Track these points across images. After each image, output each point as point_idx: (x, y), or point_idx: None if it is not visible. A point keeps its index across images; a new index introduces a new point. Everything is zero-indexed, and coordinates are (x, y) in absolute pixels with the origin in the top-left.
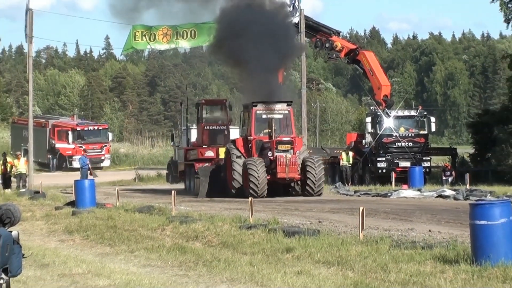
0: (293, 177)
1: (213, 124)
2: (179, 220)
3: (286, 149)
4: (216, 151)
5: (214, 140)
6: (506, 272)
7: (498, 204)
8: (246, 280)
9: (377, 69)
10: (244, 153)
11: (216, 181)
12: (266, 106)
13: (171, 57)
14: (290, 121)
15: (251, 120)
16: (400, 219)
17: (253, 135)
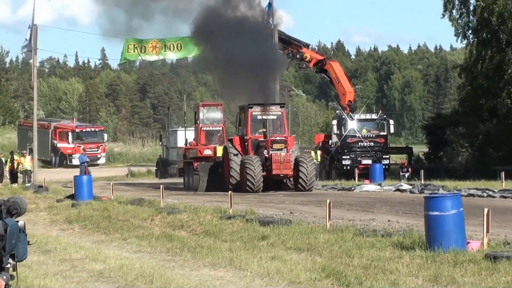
0: (286, 174)
1: (209, 125)
2: (167, 211)
3: (280, 147)
4: (214, 149)
5: (210, 139)
6: (456, 257)
7: (449, 197)
8: (226, 265)
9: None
10: (241, 151)
11: (214, 177)
12: (261, 107)
13: (159, 66)
14: (283, 122)
15: (247, 120)
16: (362, 210)
17: (249, 134)
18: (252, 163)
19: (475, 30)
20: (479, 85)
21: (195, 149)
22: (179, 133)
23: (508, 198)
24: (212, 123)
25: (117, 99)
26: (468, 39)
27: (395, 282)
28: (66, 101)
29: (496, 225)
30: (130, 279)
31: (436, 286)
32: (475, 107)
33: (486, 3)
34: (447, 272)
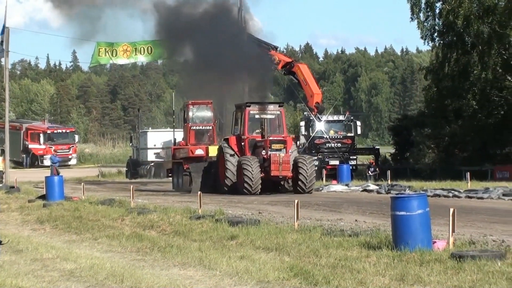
0: (285, 175)
1: (199, 124)
2: (137, 211)
3: (279, 148)
4: (206, 149)
5: (200, 139)
6: (422, 257)
7: (415, 197)
8: (195, 264)
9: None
10: (237, 151)
11: (208, 178)
12: (259, 106)
13: (130, 69)
14: (282, 122)
15: (244, 119)
16: (330, 210)
17: (246, 134)
18: (250, 163)
19: (441, 33)
20: (445, 87)
21: (186, 149)
22: (149, 134)
23: (473, 198)
24: (202, 122)
25: (88, 101)
26: (434, 41)
27: (362, 281)
28: (38, 102)
29: (462, 224)
30: (100, 278)
31: (403, 285)
32: (440, 108)
33: (451, 6)
34: (414, 271)
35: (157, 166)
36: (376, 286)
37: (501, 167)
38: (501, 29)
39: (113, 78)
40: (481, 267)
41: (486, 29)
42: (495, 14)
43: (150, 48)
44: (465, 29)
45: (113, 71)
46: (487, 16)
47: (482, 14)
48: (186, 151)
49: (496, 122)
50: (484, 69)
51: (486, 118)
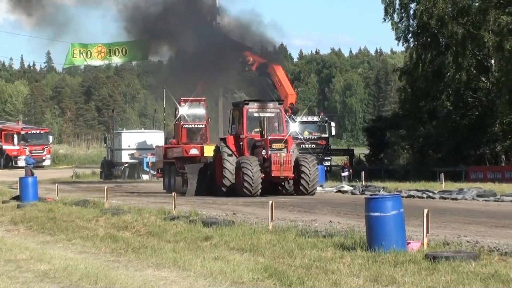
0: (287, 176)
1: (191, 123)
2: (111, 212)
3: (280, 147)
4: (201, 149)
5: (192, 138)
6: (397, 258)
7: (390, 198)
8: (170, 265)
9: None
10: (235, 151)
11: (203, 179)
12: (258, 104)
13: (104, 69)
14: (282, 120)
15: (243, 118)
16: (304, 211)
17: (245, 133)
18: (249, 164)
19: (415, 33)
20: (419, 88)
21: (179, 148)
22: (123, 135)
23: (447, 199)
24: (194, 120)
25: (62, 102)
26: (409, 42)
27: (336, 282)
28: (12, 103)
29: (436, 225)
30: (74, 279)
31: (377, 286)
32: (415, 109)
33: (425, 7)
34: (388, 272)
35: (131, 167)
36: (350, 287)
37: (475, 168)
38: (475, 30)
39: (87, 79)
40: (455, 268)
41: (461, 30)
42: (470, 15)
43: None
44: (440, 30)
45: (87, 72)
46: (461, 17)
47: (456, 15)
48: (180, 150)
49: (470, 123)
50: (458, 70)
51: (460, 119)
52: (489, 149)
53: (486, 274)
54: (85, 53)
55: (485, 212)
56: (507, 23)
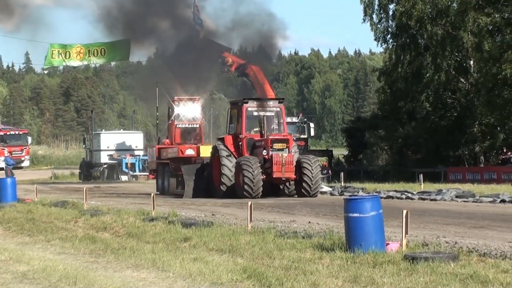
0: (289, 177)
1: (185, 122)
2: (90, 213)
3: (282, 147)
4: (197, 149)
5: (186, 138)
6: (375, 258)
7: (369, 199)
8: (148, 266)
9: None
10: (234, 151)
11: (200, 180)
12: (257, 103)
13: (83, 70)
14: (282, 119)
15: (242, 117)
16: (283, 212)
17: (244, 133)
18: (250, 165)
19: (394, 34)
20: (398, 88)
21: (175, 148)
22: (102, 136)
23: (426, 200)
24: (188, 120)
25: (41, 103)
26: (388, 43)
27: (315, 283)
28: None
29: (415, 226)
30: (53, 280)
31: (356, 286)
32: (394, 110)
33: (405, 8)
34: (367, 273)
35: (110, 168)
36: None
37: (454, 169)
38: (454, 31)
39: (66, 79)
40: (434, 269)
41: (440, 31)
42: (448, 16)
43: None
44: (419, 31)
45: (66, 72)
46: (440, 18)
47: (435, 16)
48: (176, 151)
49: (449, 124)
50: (437, 71)
51: (439, 120)
52: (468, 150)
53: (465, 275)
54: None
55: (464, 213)
56: (486, 24)
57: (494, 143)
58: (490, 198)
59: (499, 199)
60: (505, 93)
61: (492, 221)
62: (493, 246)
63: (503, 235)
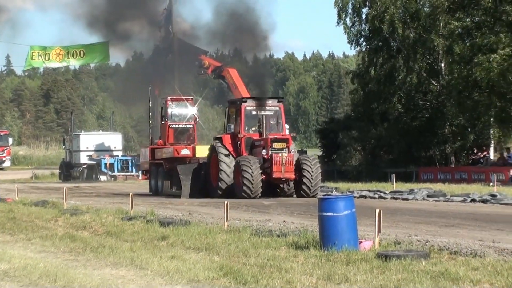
0: (289, 177)
1: (179, 122)
2: (70, 213)
3: (281, 147)
4: (193, 149)
5: (179, 138)
6: (349, 256)
7: (342, 198)
8: (127, 264)
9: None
10: (232, 151)
11: (197, 180)
12: (256, 102)
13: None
14: (281, 119)
15: (241, 116)
16: (258, 212)
17: (243, 132)
18: (249, 164)
19: (367, 38)
20: (371, 90)
21: (170, 148)
22: (81, 137)
23: (398, 199)
24: (182, 120)
25: (21, 104)
26: (361, 46)
27: (290, 281)
28: None
29: (387, 225)
30: (34, 278)
31: (330, 284)
32: (367, 112)
33: (377, 12)
34: (340, 270)
35: (89, 168)
36: (303, 285)
37: (425, 169)
38: (425, 34)
39: (47, 82)
40: (406, 266)
41: (411, 34)
42: (420, 20)
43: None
44: (391, 34)
45: (46, 75)
46: (412, 21)
47: (407, 20)
48: (171, 151)
49: (421, 125)
50: (409, 73)
51: (411, 121)
52: (439, 150)
53: (436, 272)
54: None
55: (435, 212)
56: (456, 27)
57: (464, 143)
58: (461, 198)
59: (469, 199)
60: (475, 95)
61: (463, 220)
62: (464, 244)
63: (473, 234)
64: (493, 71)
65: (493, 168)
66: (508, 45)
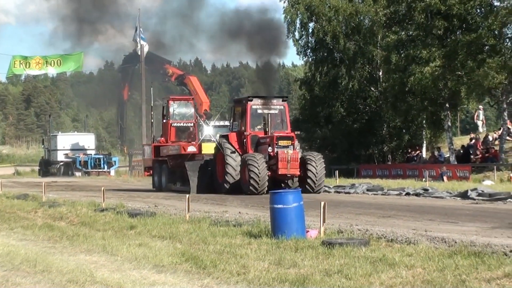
0: (294, 174)
1: (180, 121)
2: (48, 205)
3: (287, 144)
4: (199, 146)
5: (181, 136)
6: (297, 244)
7: (291, 192)
8: (99, 251)
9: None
10: (238, 148)
11: (203, 177)
12: (262, 100)
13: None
14: (286, 117)
15: (247, 115)
16: (217, 204)
17: (249, 130)
18: (256, 161)
19: (313, 49)
20: (317, 96)
21: (176, 146)
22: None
23: (341, 193)
24: (183, 119)
25: (5, 108)
26: (308, 56)
27: (245, 266)
28: None
29: (331, 216)
30: (16, 263)
31: (280, 268)
32: (313, 115)
33: (322, 26)
34: (290, 256)
35: (66, 165)
36: (256, 269)
37: (365, 166)
38: (365, 45)
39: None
40: (348, 253)
41: (352, 45)
42: (360, 33)
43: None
44: (334, 45)
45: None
46: (353, 34)
47: (348, 33)
48: (177, 148)
49: (361, 127)
50: (350, 81)
51: (352, 123)
52: (377, 149)
53: (375, 258)
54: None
55: (374, 204)
56: (393, 40)
57: (400, 143)
58: (397, 192)
59: (404, 192)
60: (409, 100)
61: (398, 211)
62: (399, 233)
63: (408, 224)
64: (425, 80)
65: (426, 165)
66: (438, 57)
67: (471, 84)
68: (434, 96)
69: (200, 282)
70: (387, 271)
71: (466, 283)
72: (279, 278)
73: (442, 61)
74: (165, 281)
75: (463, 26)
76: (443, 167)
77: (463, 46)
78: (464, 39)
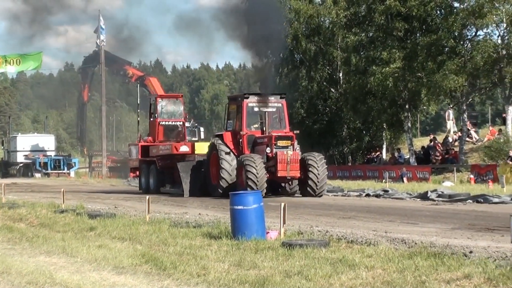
0: (294, 176)
1: (168, 120)
2: (8, 206)
3: (286, 145)
4: (192, 146)
5: (169, 135)
6: (257, 245)
7: (251, 193)
8: (59, 252)
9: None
10: (233, 149)
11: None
12: (258, 98)
13: (2, 81)
14: (284, 115)
15: (242, 113)
16: (177, 205)
17: (245, 129)
18: (253, 162)
19: None
20: None
21: (168, 146)
22: (18, 139)
23: None
24: (171, 117)
25: None
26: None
27: (205, 267)
28: None
29: (291, 217)
30: None
31: (240, 269)
32: None
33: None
34: (250, 257)
35: (25, 166)
36: (217, 271)
37: None
38: (325, 47)
39: None
40: (308, 254)
41: (313, 47)
42: (321, 34)
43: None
44: (295, 47)
45: None
46: (313, 35)
47: (309, 34)
48: (169, 148)
49: (321, 128)
50: (310, 82)
51: (312, 124)
52: (337, 151)
53: (335, 259)
54: None
55: (334, 205)
56: (353, 41)
57: (360, 145)
58: (357, 193)
59: (364, 193)
60: (369, 101)
61: (358, 212)
62: (359, 234)
63: (368, 225)
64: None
65: (386, 166)
66: (399, 59)
67: (431, 85)
68: (394, 97)
69: (160, 284)
70: (347, 272)
71: (426, 284)
72: (239, 280)
73: (402, 62)
74: (125, 283)
75: (423, 27)
76: (403, 168)
77: (423, 47)
78: (424, 41)
